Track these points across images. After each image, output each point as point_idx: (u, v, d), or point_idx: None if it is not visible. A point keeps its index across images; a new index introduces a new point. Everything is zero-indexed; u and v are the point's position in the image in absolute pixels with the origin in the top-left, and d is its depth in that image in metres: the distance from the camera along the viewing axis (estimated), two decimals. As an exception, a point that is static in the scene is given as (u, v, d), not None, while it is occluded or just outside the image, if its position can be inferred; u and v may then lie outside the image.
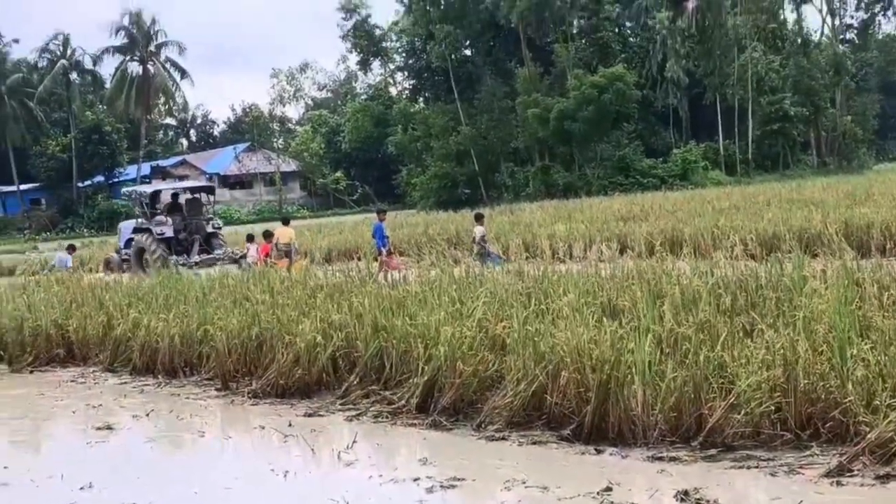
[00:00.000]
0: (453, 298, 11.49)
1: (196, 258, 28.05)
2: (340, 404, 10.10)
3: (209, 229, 29.61)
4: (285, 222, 27.40)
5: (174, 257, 27.49)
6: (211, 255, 28.25)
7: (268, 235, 24.44)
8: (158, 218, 28.95)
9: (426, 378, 9.66)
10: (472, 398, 9.39)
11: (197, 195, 30.86)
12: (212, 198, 31.84)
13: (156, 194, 30.25)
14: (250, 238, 27.16)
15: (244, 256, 25.94)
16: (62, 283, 19.03)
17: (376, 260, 22.26)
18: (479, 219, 22.52)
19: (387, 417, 9.51)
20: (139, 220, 29.83)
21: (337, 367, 10.79)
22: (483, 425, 9.00)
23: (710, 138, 65.82)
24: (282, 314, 11.99)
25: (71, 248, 27.69)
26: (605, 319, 9.87)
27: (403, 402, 9.72)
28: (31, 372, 13.51)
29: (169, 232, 28.56)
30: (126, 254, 29.25)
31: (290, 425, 9.43)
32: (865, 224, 21.77)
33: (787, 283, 10.10)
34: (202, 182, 34.20)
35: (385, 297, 12.41)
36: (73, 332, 13.91)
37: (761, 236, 20.75)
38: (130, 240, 29.49)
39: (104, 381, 12.52)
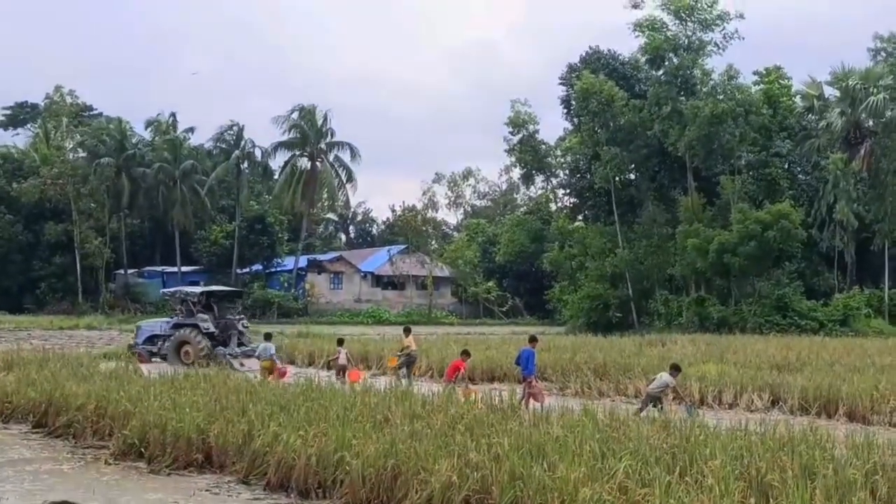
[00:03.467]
0: (594, 452, 11.07)
1: (236, 350, 32.65)
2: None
3: (239, 327, 34.09)
4: (407, 331, 29.73)
5: (220, 348, 32.32)
6: (248, 348, 32.51)
7: (465, 354, 24.19)
8: (201, 315, 33.14)
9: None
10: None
11: (228, 298, 35.46)
12: (238, 301, 36.69)
13: (203, 295, 34.74)
14: (340, 342, 29.07)
15: (336, 359, 27.65)
16: (208, 380, 19.49)
17: (520, 383, 22.04)
18: (674, 369, 20.71)
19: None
20: (175, 316, 34.28)
21: (470, 510, 10.46)
22: None
23: (876, 285, 63.20)
24: (419, 446, 11.80)
25: (268, 337, 28.56)
26: (751, 498, 9.34)
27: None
28: (169, 475, 13.62)
29: (212, 327, 33.02)
30: (143, 349, 33.10)
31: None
32: None
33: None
34: (234, 288, 42.02)
35: (525, 440, 12.10)
36: (214, 438, 14.01)
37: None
38: (151, 337, 33.74)
39: (237, 494, 12.50)
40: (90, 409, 16.77)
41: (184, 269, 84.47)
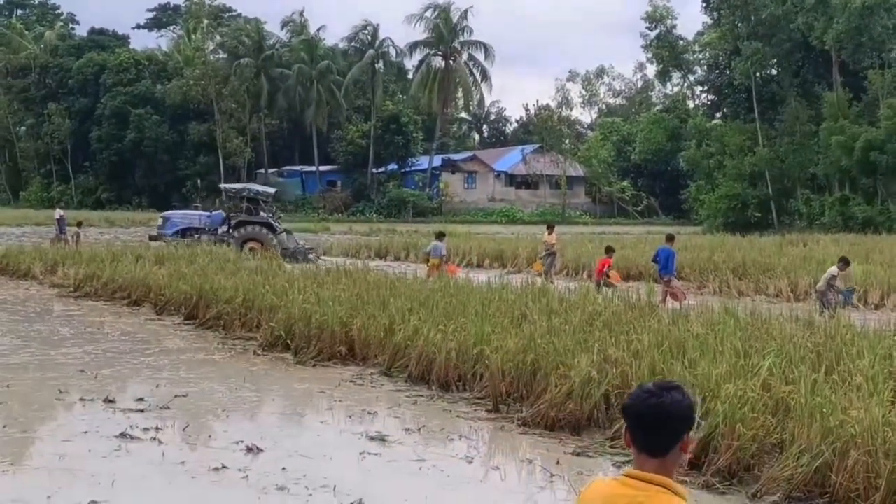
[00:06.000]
0: (737, 350, 10.94)
1: (301, 245, 35.51)
2: (609, 446, 9.83)
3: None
4: (550, 228, 29.65)
5: (298, 242, 35.36)
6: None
7: (609, 251, 23.99)
8: (263, 215, 35.08)
9: (701, 435, 9.22)
10: (749, 463, 8.88)
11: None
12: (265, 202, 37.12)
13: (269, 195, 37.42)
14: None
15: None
16: (349, 275, 19.97)
17: (657, 282, 21.83)
18: (842, 262, 20.20)
19: (656, 470, 9.14)
20: (213, 210, 37.46)
21: (609, 405, 10.53)
22: (759, 494, 8.49)
23: None
24: (557, 342, 11.88)
25: (440, 236, 27.38)
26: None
27: (675, 455, 9.32)
28: (314, 366, 14.09)
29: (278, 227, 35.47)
30: (171, 239, 33.00)
31: (557, 463, 9.30)
32: None
33: None
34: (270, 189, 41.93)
35: (664, 336, 12.05)
36: (356, 332, 14.39)
37: None
38: (186, 229, 34.76)
39: (381, 385, 12.86)
40: (238, 302, 17.40)
41: (321, 168, 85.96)
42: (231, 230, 34.17)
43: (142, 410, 11.07)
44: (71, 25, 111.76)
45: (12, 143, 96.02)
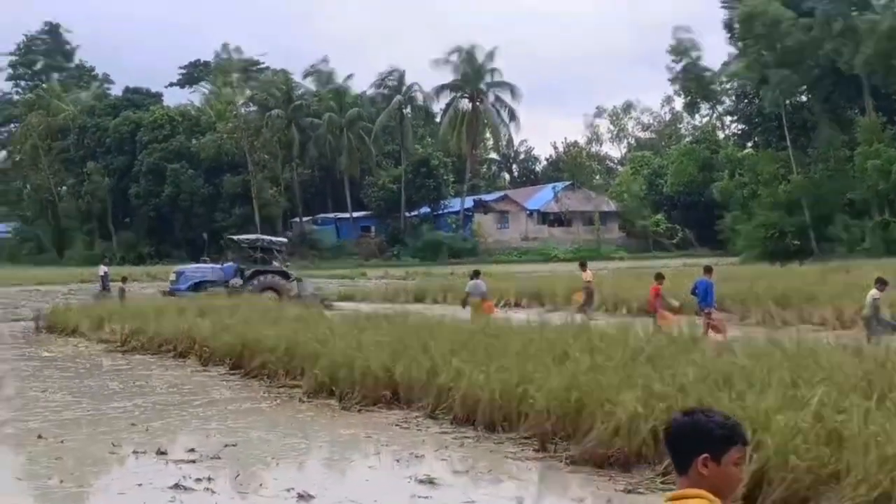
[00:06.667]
0: (784, 381, 10.88)
1: (311, 289, 35.78)
2: (661, 482, 9.78)
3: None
4: (583, 265, 29.58)
5: (308, 287, 35.29)
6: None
7: (659, 278, 23.55)
8: (276, 264, 36.18)
9: (754, 467, 9.17)
10: (805, 495, 8.80)
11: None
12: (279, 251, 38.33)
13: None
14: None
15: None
16: (390, 320, 20.06)
17: (698, 315, 21.68)
18: (879, 283, 19.72)
19: (710, 505, 9.08)
20: (224, 262, 37.32)
21: (657, 441, 10.47)
22: (816, 527, 8.43)
23: None
24: (602, 378, 11.87)
25: (476, 274, 27.33)
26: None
27: (728, 489, 9.25)
28: (360, 411, 14.15)
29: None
30: (185, 294, 32.99)
31: (608, 501, 9.28)
32: None
33: None
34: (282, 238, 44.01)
35: (710, 369, 12.00)
36: (399, 376, 14.46)
37: None
38: (200, 283, 34.86)
39: (426, 428, 12.89)
40: (281, 350, 17.54)
41: (355, 214, 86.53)
42: (247, 281, 34.77)
43: (193, 461, 11.17)
44: (106, 85, 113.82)
45: (54, 204, 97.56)
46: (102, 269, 40.17)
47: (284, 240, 41.41)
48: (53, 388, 17.48)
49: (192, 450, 11.74)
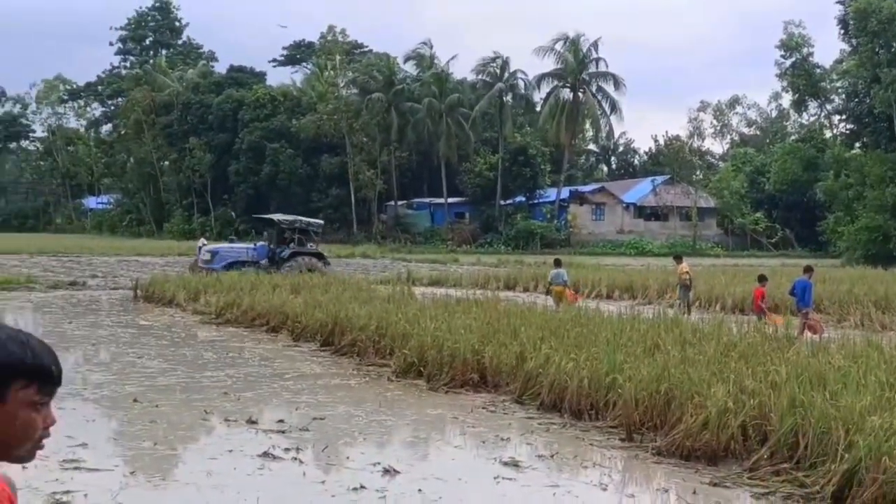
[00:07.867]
0: (882, 382, 10.63)
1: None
2: (748, 478, 9.66)
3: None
4: (678, 259, 28.94)
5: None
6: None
7: (762, 279, 23.42)
8: (311, 246, 37.25)
9: (845, 467, 8.99)
10: (896, 497, 8.60)
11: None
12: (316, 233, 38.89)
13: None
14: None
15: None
16: (481, 305, 20.14)
17: (794, 314, 21.35)
18: None
19: (797, 502, 8.96)
20: (257, 243, 38.46)
21: (746, 436, 10.34)
22: (909, 530, 8.24)
23: None
24: (692, 372, 11.75)
25: (558, 263, 28.03)
26: None
27: (818, 488, 9.10)
28: (447, 392, 14.25)
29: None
30: (208, 268, 34.11)
31: (693, 493, 9.18)
32: None
33: None
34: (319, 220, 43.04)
35: (804, 368, 11.78)
36: (488, 360, 14.53)
37: None
38: (234, 262, 35.09)
39: (513, 412, 12.93)
40: (371, 329, 17.75)
41: (450, 200, 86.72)
42: (283, 262, 35.44)
43: (282, 432, 11.41)
44: (211, 63, 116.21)
45: (156, 178, 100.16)
46: (202, 241, 41.12)
47: (321, 222, 41.58)
48: (150, 354, 17.99)
49: (282, 421, 11.99)
